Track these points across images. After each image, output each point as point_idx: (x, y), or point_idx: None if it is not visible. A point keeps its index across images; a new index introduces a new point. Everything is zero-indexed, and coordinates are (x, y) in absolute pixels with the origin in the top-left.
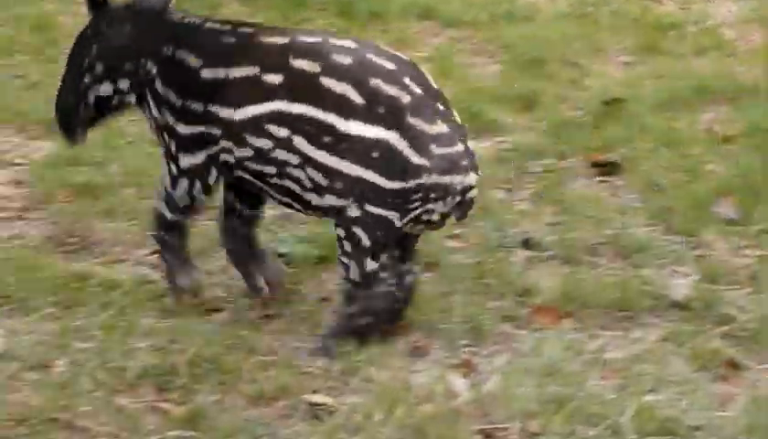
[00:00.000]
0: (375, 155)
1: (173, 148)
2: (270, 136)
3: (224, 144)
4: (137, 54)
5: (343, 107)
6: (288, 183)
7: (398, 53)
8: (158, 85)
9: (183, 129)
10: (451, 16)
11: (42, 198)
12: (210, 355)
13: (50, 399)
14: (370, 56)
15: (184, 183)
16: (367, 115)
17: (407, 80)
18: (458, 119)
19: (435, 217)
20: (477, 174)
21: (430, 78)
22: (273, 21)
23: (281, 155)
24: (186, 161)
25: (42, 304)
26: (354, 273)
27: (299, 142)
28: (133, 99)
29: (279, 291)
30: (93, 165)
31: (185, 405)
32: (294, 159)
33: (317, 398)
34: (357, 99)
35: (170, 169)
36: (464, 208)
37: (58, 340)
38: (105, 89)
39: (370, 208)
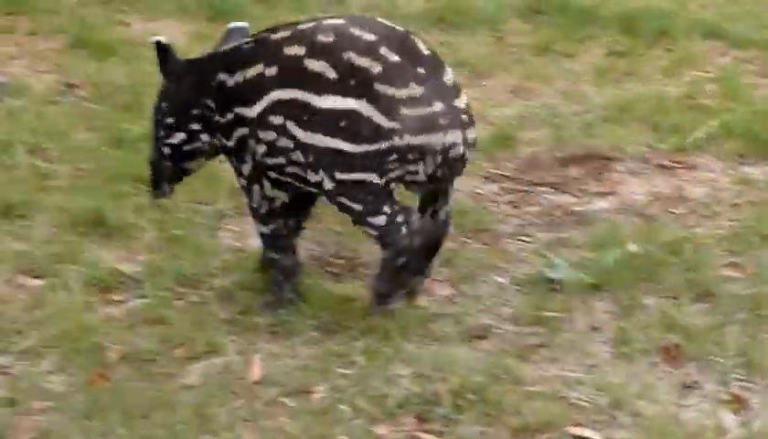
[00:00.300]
0: (342, 124)
1: (235, 162)
2: (272, 127)
3: (251, 144)
4: (198, 97)
5: (319, 84)
6: (296, 169)
7: (389, 23)
8: (216, 114)
9: (230, 141)
10: (738, 36)
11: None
12: (474, 384)
13: (308, 426)
14: (352, 30)
15: (255, 189)
16: (338, 89)
17: (382, 50)
18: (448, 80)
19: (421, 177)
20: (465, 131)
21: (420, 44)
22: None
23: (282, 143)
24: (246, 168)
25: (304, 327)
26: (372, 232)
27: (290, 126)
28: (206, 137)
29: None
30: None
31: (446, 436)
32: (291, 145)
33: (583, 431)
34: (332, 74)
35: (243, 186)
36: (453, 165)
37: (318, 365)
38: (179, 136)
39: (341, 176)
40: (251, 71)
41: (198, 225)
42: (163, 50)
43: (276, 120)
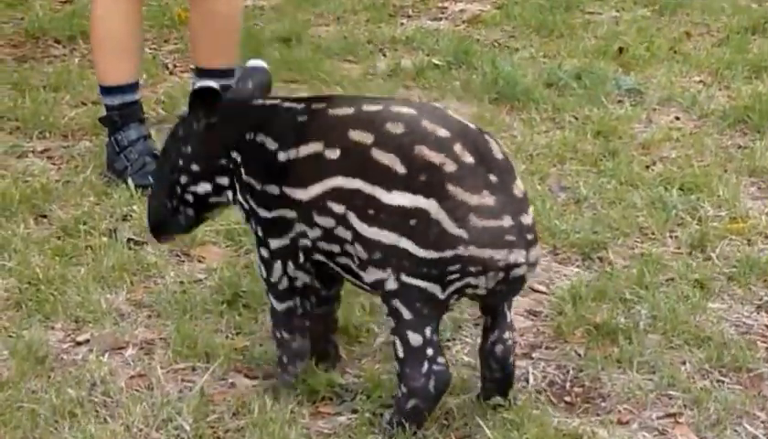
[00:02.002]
0: (412, 222)
1: (260, 233)
2: (331, 214)
3: (298, 227)
4: (227, 148)
5: (386, 178)
6: (347, 261)
7: (462, 119)
8: (243, 173)
9: (265, 213)
10: None
11: (554, 335)
12: None
13: None
14: (424, 122)
15: (277, 265)
16: (407, 184)
17: (457, 148)
18: (518, 192)
19: (481, 291)
20: (529, 251)
21: (496, 147)
22: None
23: (341, 232)
24: (276, 243)
25: None
26: (400, 350)
27: (351, 217)
28: (230, 195)
29: None
30: (621, 301)
31: None
32: (349, 236)
33: None
34: (400, 168)
35: (262, 255)
36: (512, 285)
37: None
38: (204, 187)
39: (407, 279)
40: (306, 149)
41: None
42: (213, 96)
43: (336, 208)
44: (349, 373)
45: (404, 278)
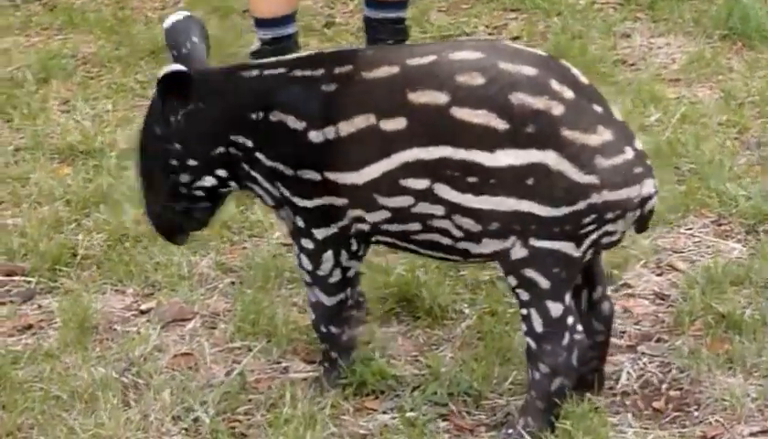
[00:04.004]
0: (530, 182)
1: (301, 223)
2: (407, 191)
3: (353, 213)
4: (224, 134)
5: (485, 138)
6: (436, 237)
7: (531, 49)
8: (263, 158)
9: (304, 202)
10: None
11: (673, 324)
12: None
13: None
14: (503, 65)
15: (327, 255)
16: (513, 139)
17: (555, 85)
18: (619, 116)
19: (616, 237)
20: (653, 177)
21: (576, 71)
22: None
23: (424, 208)
24: (322, 233)
25: None
26: (537, 324)
27: (441, 190)
28: (234, 185)
29: None
30: (764, 289)
31: None
32: (439, 210)
33: None
34: (500, 124)
35: (304, 247)
36: (643, 220)
37: None
38: (210, 180)
39: (538, 243)
40: (350, 125)
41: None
42: (183, 80)
43: (415, 184)
44: (420, 362)
45: (534, 243)
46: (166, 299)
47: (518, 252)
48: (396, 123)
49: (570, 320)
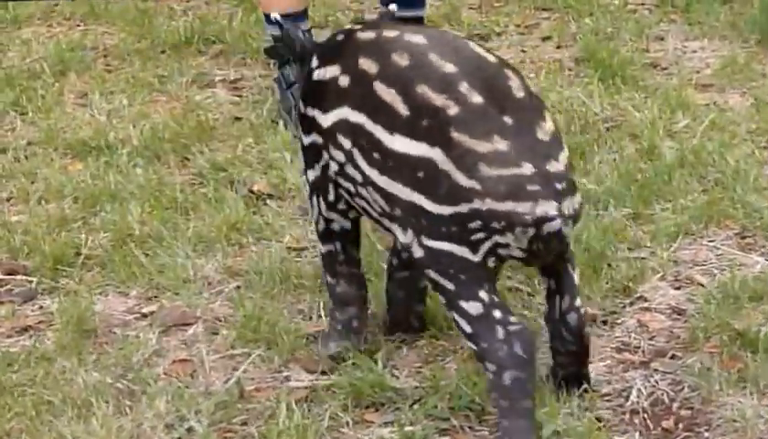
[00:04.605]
0: (420, 174)
1: (303, 164)
2: (341, 148)
3: (325, 155)
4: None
5: (388, 118)
6: (365, 205)
7: (482, 52)
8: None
9: (305, 138)
10: None
11: (688, 340)
12: None
13: None
14: (432, 55)
15: (314, 201)
16: (410, 128)
17: (463, 87)
18: (545, 135)
19: (516, 252)
20: (562, 201)
21: (517, 84)
22: None
23: (350, 171)
24: (312, 174)
25: None
26: (464, 325)
27: (357, 156)
28: None
29: None
30: None
31: None
32: (358, 177)
33: None
34: (402, 109)
35: (307, 189)
36: (549, 243)
37: None
38: None
39: (430, 243)
40: (330, 72)
41: None
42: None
43: (344, 142)
44: (422, 373)
45: (426, 241)
46: (169, 303)
47: (417, 252)
48: (345, 80)
49: (498, 314)
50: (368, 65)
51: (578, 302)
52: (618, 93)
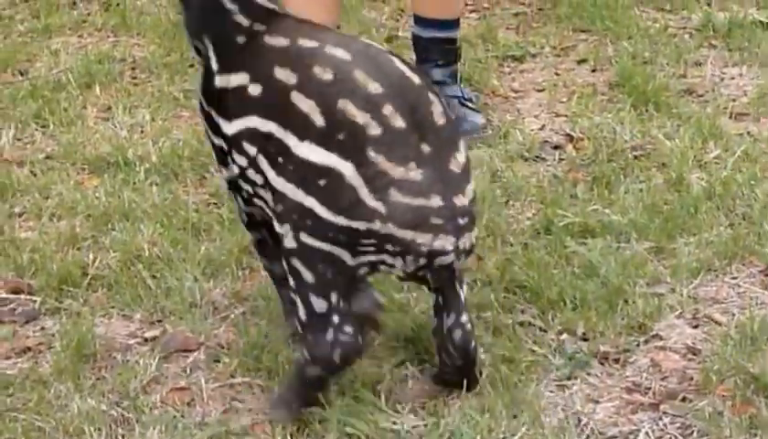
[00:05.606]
0: (322, 182)
1: (215, 159)
2: (245, 154)
3: (228, 158)
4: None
5: (301, 126)
6: (262, 204)
7: (407, 71)
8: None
9: (213, 138)
10: None
11: (702, 383)
12: None
13: None
14: (357, 73)
15: (233, 196)
16: (323, 139)
17: (387, 109)
18: (457, 166)
19: (397, 272)
20: (460, 237)
21: (439, 110)
22: None
23: (251, 174)
24: (225, 174)
25: None
26: (301, 313)
27: (262, 161)
28: None
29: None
30: None
31: None
32: (259, 179)
33: None
34: (318, 120)
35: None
36: (436, 273)
37: None
38: None
39: (309, 240)
40: (235, 80)
41: None
42: None
43: (249, 149)
44: (426, 409)
45: (304, 238)
46: (173, 327)
47: (290, 243)
48: (256, 90)
49: (336, 319)
50: (285, 75)
51: (464, 318)
52: (650, 120)
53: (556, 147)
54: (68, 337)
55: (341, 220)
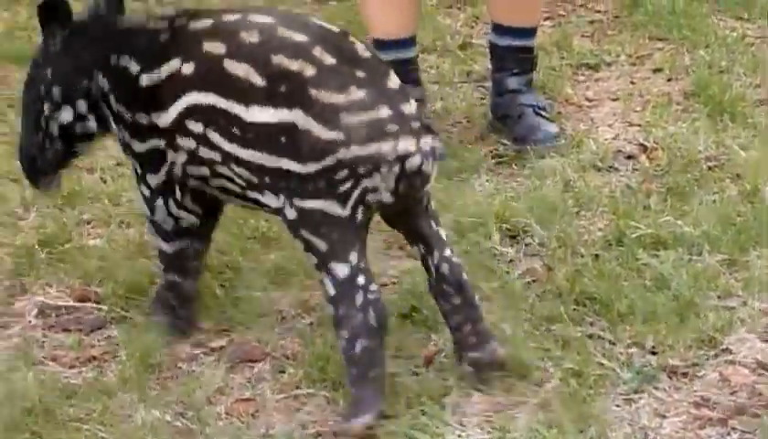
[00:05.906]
0: (282, 139)
1: (138, 169)
2: (191, 134)
3: (169, 157)
4: (88, 67)
5: (243, 92)
6: (226, 183)
7: (322, 23)
8: (113, 101)
9: (139, 146)
10: None
11: None
12: None
13: None
14: (281, 30)
15: (159, 203)
16: (268, 98)
17: (316, 52)
18: (393, 84)
19: (385, 197)
20: (420, 139)
21: (361, 47)
22: None
23: (206, 153)
24: (154, 180)
25: None
26: (330, 288)
27: (213, 136)
28: (93, 123)
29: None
30: None
31: None
32: (217, 156)
33: None
34: (258, 81)
35: (143, 193)
36: (412, 180)
37: None
38: (66, 115)
39: (301, 203)
40: (167, 69)
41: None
42: (63, 7)
43: (194, 127)
44: (492, 422)
45: (298, 202)
46: (239, 337)
47: (290, 214)
48: (189, 68)
49: (361, 280)
50: (214, 47)
51: (447, 252)
52: (725, 131)
53: (629, 157)
54: (133, 347)
55: (311, 167)
